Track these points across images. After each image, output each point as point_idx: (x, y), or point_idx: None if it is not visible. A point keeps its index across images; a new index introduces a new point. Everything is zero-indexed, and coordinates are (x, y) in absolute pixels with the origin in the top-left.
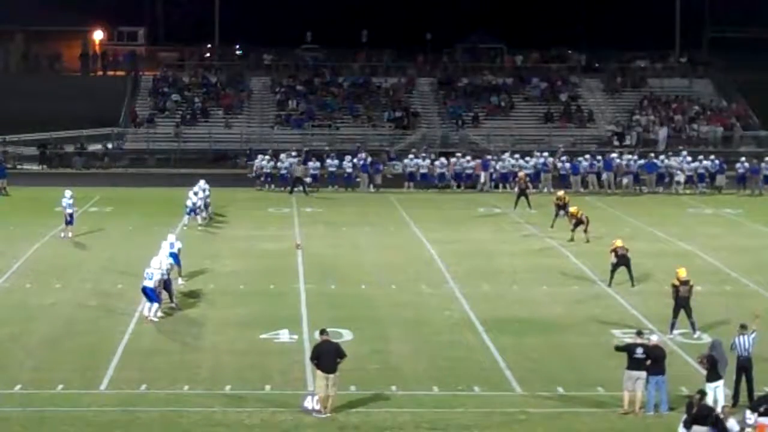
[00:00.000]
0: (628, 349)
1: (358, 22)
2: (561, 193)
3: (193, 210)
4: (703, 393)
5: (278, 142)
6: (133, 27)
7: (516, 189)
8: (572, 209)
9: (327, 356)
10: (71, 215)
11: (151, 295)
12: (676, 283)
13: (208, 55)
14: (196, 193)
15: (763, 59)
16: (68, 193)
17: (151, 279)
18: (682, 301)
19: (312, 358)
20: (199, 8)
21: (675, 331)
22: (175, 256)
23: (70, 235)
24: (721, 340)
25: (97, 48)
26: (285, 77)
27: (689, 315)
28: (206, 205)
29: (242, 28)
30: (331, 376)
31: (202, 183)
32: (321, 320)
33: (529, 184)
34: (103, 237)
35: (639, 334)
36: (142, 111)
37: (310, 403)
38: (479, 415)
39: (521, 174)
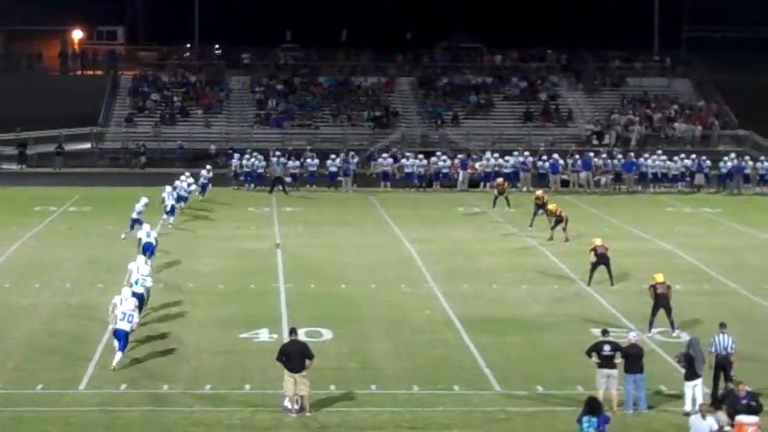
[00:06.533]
0: (596, 348)
1: (337, 21)
2: (540, 192)
3: (172, 210)
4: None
5: (258, 141)
6: (113, 26)
7: (495, 192)
8: (551, 206)
9: (294, 356)
10: (137, 221)
11: (123, 339)
12: (653, 282)
13: (187, 54)
14: (175, 188)
15: (741, 58)
16: (144, 199)
17: (130, 322)
18: (661, 300)
19: (278, 358)
20: (178, 8)
21: (653, 330)
22: (150, 246)
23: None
24: (699, 338)
25: (76, 47)
26: (264, 76)
27: (669, 314)
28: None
29: (222, 28)
30: (297, 375)
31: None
32: (301, 320)
33: (506, 188)
34: (82, 236)
35: (604, 333)
36: (121, 110)
37: (289, 403)
38: (459, 414)
39: (499, 180)
